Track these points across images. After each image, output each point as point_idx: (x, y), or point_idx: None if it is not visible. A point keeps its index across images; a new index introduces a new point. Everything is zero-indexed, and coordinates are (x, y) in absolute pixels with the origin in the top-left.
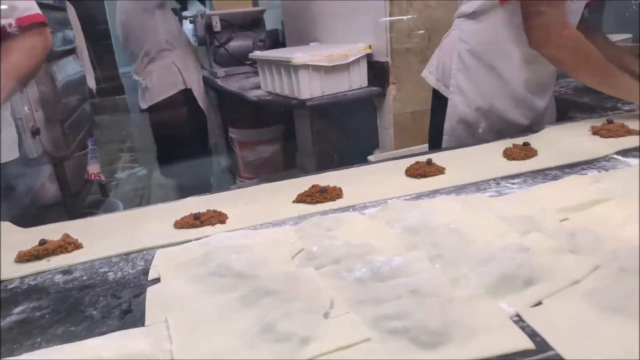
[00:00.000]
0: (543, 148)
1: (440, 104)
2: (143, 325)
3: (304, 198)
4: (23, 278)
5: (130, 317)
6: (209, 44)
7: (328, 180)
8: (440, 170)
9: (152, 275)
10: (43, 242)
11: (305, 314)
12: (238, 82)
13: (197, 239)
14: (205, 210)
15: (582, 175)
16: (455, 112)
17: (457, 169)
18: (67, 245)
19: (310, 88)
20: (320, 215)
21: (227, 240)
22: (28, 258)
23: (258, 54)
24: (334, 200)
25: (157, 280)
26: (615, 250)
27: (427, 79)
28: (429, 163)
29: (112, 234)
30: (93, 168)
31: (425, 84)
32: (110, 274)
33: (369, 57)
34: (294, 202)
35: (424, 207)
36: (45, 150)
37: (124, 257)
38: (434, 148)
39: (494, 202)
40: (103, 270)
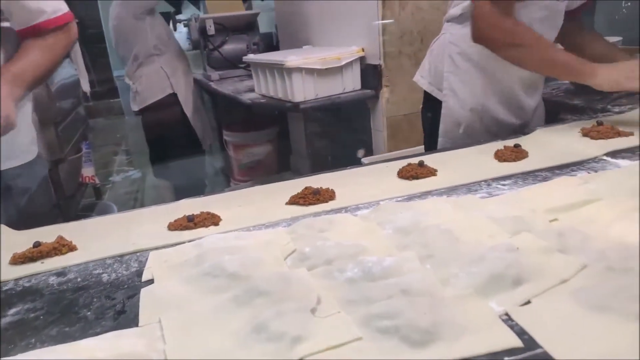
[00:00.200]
0: (534, 150)
1: (434, 108)
2: (137, 326)
3: (297, 200)
4: (17, 280)
5: (124, 317)
6: (203, 47)
7: (321, 182)
8: (432, 172)
9: (145, 277)
10: (37, 244)
11: (297, 314)
12: (232, 85)
13: (190, 241)
14: (199, 212)
15: (571, 177)
16: (450, 114)
17: (448, 171)
18: (61, 248)
19: (304, 91)
20: (313, 217)
21: (220, 242)
22: (22, 260)
23: (252, 57)
24: (327, 202)
25: (150, 282)
26: (603, 250)
27: (419, 83)
28: (421, 165)
29: (106, 236)
30: (87, 171)
31: (418, 87)
32: (105, 276)
33: (362, 60)
34: (287, 204)
35: (416, 208)
36: (40, 154)
37: (118, 258)
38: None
39: (485, 203)
40: (97, 272)
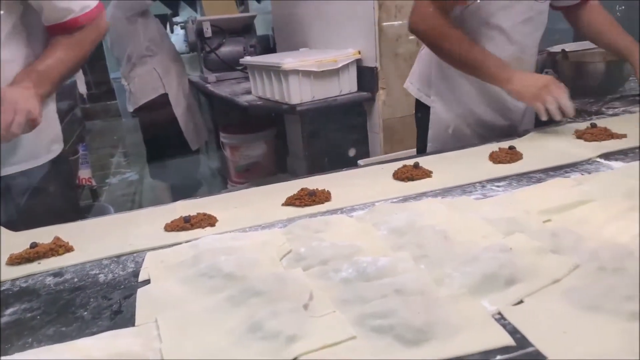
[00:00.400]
0: (528, 151)
1: (424, 114)
2: (133, 326)
3: (293, 201)
4: (14, 280)
5: (121, 317)
6: (200, 50)
7: (317, 184)
8: (427, 174)
9: (142, 277)
10: (34, 245)
11: (292, 313)
12: (229, 87)
13: (187, 242)
14: (196, 214)
15: (565, 178)
16: (438, 119)
17: (443, 172)
18: (58, 248)
19: (300, 93)
20: (309, 218)
21: (216, 243)
22: (19, 261)
23: (249, 60)
24: (323, 203)
25: (147, 282)
26: (595, 250)
27: (409, 90)
28: (416, 166)
29: (103, 237)
30: (84, 173)
31: None
32: (101, 276)
33: (359, 62)
34: (283, 205)
35: (410, 209)
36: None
37: (115, 259)
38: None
39: (479, 204)
40: (94, 273)
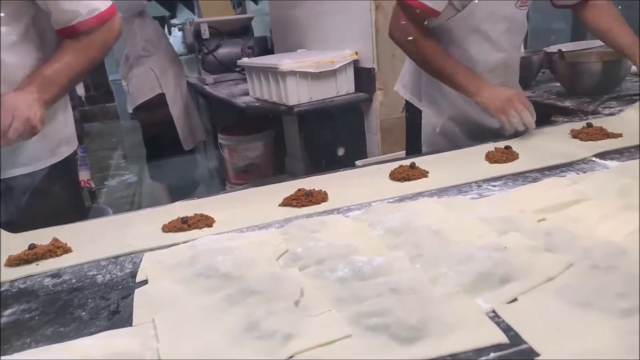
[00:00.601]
0: (524, 151)
1: (415, 116)
2: (131, 326)
3: (290, 202)
4: (13, 282)
5: (118, 317)
6: (198, 51)
7: (314, 184)
8: (424, 174)
9: (140, 278)
10: (32, 246)
11: (288, 313)
12: (227, 88)
13: (184, 242)
14: (193, 214)
15: (561, 177)
16: (430, 123)
17: (440, 173)
18: (56, 250)
19: (298, 94)
20: (306, 218)
21: (213, 243)
22: (18, 262)
23: (246, 61)
24: (319, 204)
25: (145, 282)
26: (588, 248)
27: (400, 92)
28: (412, 167)
29: (101, 238)
30: (83, 175)
31: None
32: (99, 277)
33: (356, 63)
34: (280, 205)
35: (406, 209)
36: None
37: (113, 260)
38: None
39: (475, 203)
40: (92, 273)
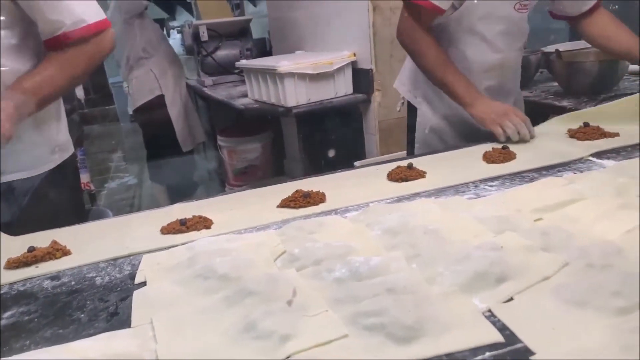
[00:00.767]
0: (521, 151)
1: (413, 115)
2: (129, 327)
3: (288, 203)
4: (12, 284)
5: (117, 319)
6: (197, 53)
7: (312, 186)
8: (421, 174)
9: (138, 279)
10: (32, 249)
11: (286, 313)
12: (225, 90)
13: (183, 244)
14: (192, 216)
15: (557, 177)
16: (425, 121)
17: (437, 173)
18: (55, 252)
19: (296, 96)
20: (303, 219)
21: (211, 245)
22: (17, 265)
23: (245, 63)
24: (317, 205)
25: (143, 284)
26: (584, 247)
27: (398, 90)
28: (410, 167)
29: (100, 240)
30: (82, 177)
31: None
32: (98, 279)
33: (354, 64)
34: (278, 207)
35: (404, 209)
36: None
37: (112, 262)
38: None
39: (472, 203)
40: (91, 276)
